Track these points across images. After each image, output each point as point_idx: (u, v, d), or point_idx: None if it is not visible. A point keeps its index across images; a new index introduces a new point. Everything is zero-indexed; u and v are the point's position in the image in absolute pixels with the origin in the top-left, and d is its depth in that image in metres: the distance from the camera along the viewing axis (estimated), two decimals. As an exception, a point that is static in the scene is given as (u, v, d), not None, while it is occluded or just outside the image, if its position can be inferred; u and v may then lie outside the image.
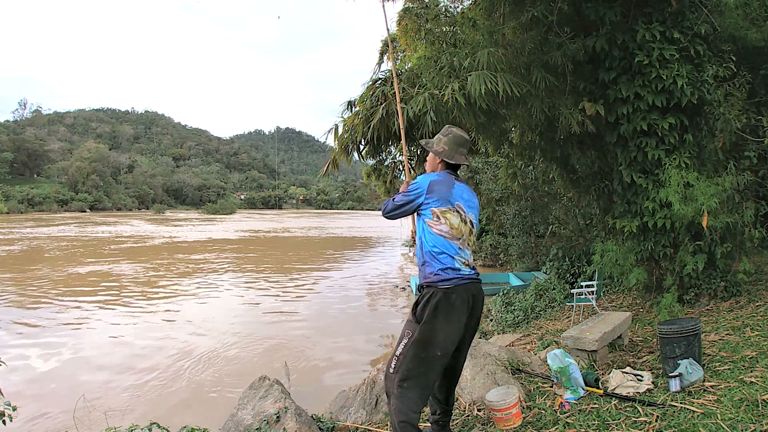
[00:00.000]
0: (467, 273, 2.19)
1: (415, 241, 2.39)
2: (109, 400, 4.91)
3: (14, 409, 2.22)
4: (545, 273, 8.43)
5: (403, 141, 2.55)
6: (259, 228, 37.06)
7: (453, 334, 2.14)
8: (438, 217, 2.20)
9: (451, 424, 2.48)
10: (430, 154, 2.42)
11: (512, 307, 7.09)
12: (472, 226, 2.30)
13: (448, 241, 2.19)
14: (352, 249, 21.83)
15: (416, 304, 2.18)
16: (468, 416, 2.88)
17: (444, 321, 2.10)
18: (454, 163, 2.36)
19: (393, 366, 2.14)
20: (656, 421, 2.42)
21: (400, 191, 2.34)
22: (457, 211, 2.23)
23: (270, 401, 2.77)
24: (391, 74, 9.62)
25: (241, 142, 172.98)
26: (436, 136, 2.44)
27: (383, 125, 8.82)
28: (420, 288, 2.20)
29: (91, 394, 4.86)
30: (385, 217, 2.40)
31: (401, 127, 2.63)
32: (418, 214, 2.31)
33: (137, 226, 37.35)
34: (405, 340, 2.14)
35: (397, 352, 2.14)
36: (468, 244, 2.26)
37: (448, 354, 2.16)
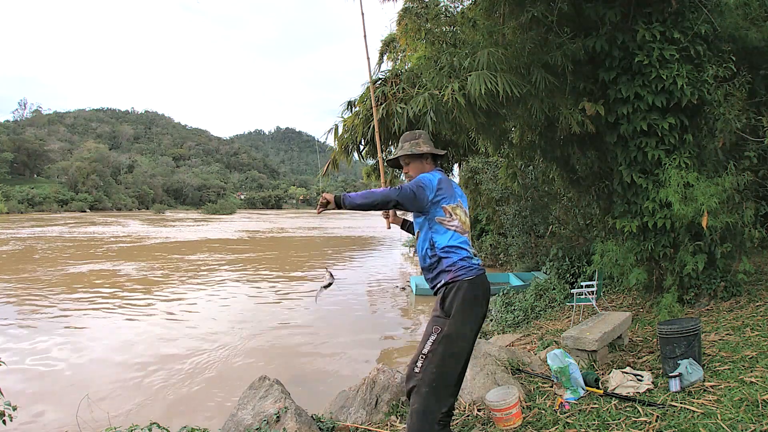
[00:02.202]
0: (478, 263, 2.23)
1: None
2: (110, 400, 4.90)
3: (14, 408, 2.23)
4: (545, 273, 8.43)
5: (378, 136, 2.46)
6: (257, 228, 37.05)
7: (478, 325, 2.15)
8: (450, 213, 2.21)
9: (451, 424, 2.48)
10: (414, 162, 2.38)
11: (512, 307, 7.09)
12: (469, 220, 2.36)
13: (461, 235, 2.22)
14: (351, 249, 21.83)
15: (443, 299, 2.14)
16: (468, 416, 2.88)
17: (472, 312, 2.10)
18: (440, 154, 2.40)
19: (420, 365, 2.05)
20: (656, 421, 2.42)
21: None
22: (461, 206, 2.28)
23: (270, 401, 2.77)
24: (391, 74, 9.64)
25: (241, 142, 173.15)
26: (407, 145, 2.39)
27: (383, 125, 8.82)
28: (444, 285, 2.14)
29: (93, 394, 4.87)
30: (382, 202, 2.08)
31: (376, 127, 2.56)
32: (423, 213, 2.23)
33: (130, 227, 37.26)
34: (433, 337, 2.06)
35: (425, 351, 2.05)
36: (470, 237, 2.32)
37: (473, 346, 2.16)
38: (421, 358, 2.06)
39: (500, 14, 4.72)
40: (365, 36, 2.56)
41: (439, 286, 2.18)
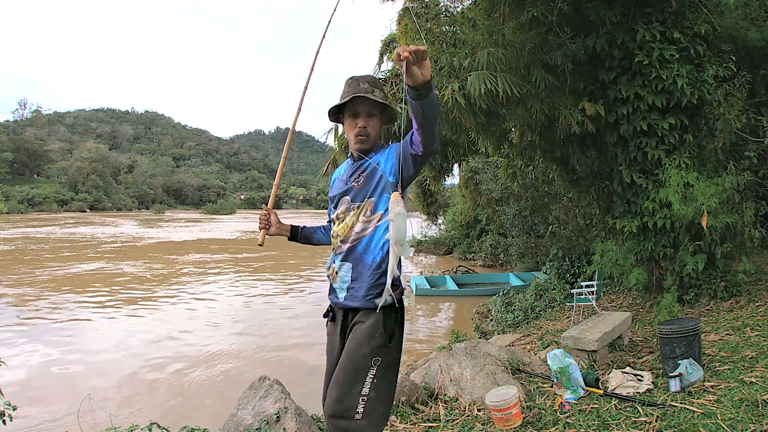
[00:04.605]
0: None
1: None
2: (111, 401, 4.91)
3: (14, 409, 2.23)
4: (545, 273, 8.43)
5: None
6: (256, 229, 36.98)
7: None
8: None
9: (451, 423, 2.48)
10: (380, 117, 1.83)
11: (512, 307, 7.09)
12: None
13: None
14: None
15: (383, 323, 1.65)
16: (468, 416, 2.88)
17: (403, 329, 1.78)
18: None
19: (362, 410, 1.56)
20: (656, 421, 2.42)
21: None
22: None
23: (270, 401, 2.77)
24: (391, 74, 9.63)
25: (241, 142, 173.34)
26: (379, 92, 1.79)
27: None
28: (387, 306, 1.65)
29: (94, 395, 4.87)
30: (436, 128, 1.52)
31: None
32: (400, 190, 1.56)
33: (129, 227, 37.22)
34: (373, 371, 1.59)
35: (364, 392, 1.57)
36: None
37: None
38: (362, 401, 1.57)
39: (500, 14, 4.72)
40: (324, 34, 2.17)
41: (379, 305, 1.63)
